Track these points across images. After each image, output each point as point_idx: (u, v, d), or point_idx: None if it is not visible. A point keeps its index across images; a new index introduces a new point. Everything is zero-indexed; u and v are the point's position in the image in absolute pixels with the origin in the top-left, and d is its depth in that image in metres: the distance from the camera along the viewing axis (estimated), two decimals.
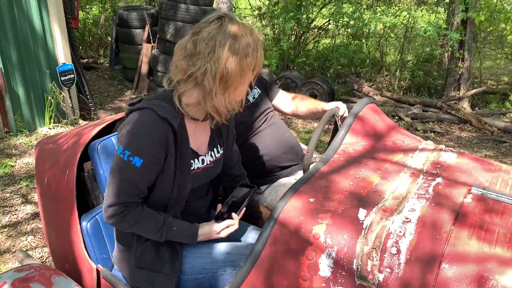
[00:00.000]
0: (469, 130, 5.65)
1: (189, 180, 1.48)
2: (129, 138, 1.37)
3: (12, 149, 4.38)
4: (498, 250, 1.14)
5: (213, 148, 1.61)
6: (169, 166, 1.42)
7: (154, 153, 1.38)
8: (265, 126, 2.18)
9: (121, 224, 1.43)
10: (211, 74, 1.34)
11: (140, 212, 1.43)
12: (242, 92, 1.44)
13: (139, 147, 1.36)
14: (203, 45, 1.33)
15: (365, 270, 1.16)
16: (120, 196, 1.39)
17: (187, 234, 1.49)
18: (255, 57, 1.38)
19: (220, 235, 1.50)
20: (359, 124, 1.74)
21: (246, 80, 1.42)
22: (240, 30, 1.36)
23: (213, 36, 1.33)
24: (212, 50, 1.33)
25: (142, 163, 1.36)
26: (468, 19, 6.26)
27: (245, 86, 1.44)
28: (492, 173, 1.53)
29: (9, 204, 3.46)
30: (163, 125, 1.38)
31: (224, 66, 1.33)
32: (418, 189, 1.39)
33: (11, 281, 1.43)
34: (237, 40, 1.34)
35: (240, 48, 1.34)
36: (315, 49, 8.83)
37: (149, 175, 1.41)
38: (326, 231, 1.24)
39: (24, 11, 4.61)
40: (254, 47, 1.38)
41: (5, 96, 4.52)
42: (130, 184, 1.38)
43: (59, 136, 2.03)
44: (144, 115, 1.38)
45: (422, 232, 1.20)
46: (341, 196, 1.36)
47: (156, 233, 1.45)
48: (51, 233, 1.90)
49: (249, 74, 1.41)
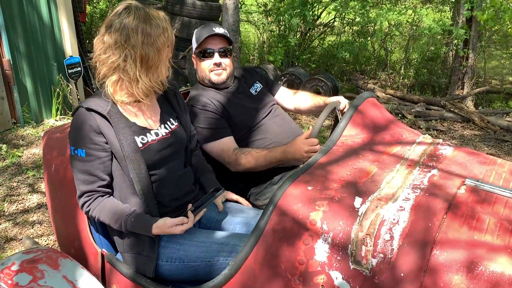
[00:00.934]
0: (472, 128, 5.67)
1: (139, 156, 1.58)
2: (70, 136, 1.59)
3: (19, 140, 4.45)
4: (487, 238, 1.18)
5: (166, 121, 1.74)
6: (115, 148, 1.57)
7: (92, 141, 1.55)
8: (269, 118, 2.24)
9: (91, 213, 1.59)
10: (132, 59, 1.50)
11: (102, 202, 1.58)
12: (165, 69, 1.62)
13: (78, 140, 1.56)
14: (118, 35, 1.49)
15: (359, 255, 1.21)
16: (81, 186, 1.58)
17: (143, 226, 1.56)
18: (166, 35, 1.55)
19: (172, 229, 1.54)
20: (359, 117, 1.79)
21: (165, 57, 1.59)
22: (148, 14, 1.52)
23: (125, 25, 1.49)
24: (127, 37, 1.48)
25: (85, 152, 1.55)
26: (473, 18, 6.26)
27: (166, 62, 1.61)
28: (486, 166, 1.57)
29: (16, 193, 3.53)
30: (92, 116, 1.55)
31: (142, 49, 1.49)
32: (414, 180, 1.44)
33: (19, 262, 1.49)
34: (147, 23, 1.50)
35: (152, 30, 1.50)
36: (320, 46, 8.85)
37: (98, 161, 1.56)
38: (322, 218, 1.28)
39: (33, 3, 4.67)
40: (164, 27, 1.54)
41: (13, 87, 4.60)
42: (84, 174, 1.56)
43: (66, 126, 2.09)
44: (76, 114, 1.58)
45: (415, 220, 1.24)
46: (338, 185, 1.40)
47: (116, 222, 1.56)
48: (57, 219, 1.96)
49: (165, 50, 1.57)
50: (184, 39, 6.91)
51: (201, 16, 7.07)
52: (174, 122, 1.77)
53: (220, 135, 2.08)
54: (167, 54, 1.59)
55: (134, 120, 1.64)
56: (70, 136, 1.59)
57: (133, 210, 1.58)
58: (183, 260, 1.60)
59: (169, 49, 1.60)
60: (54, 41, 4.99)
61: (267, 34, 8.35)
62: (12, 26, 4.48)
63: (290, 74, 6.52)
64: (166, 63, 1.61)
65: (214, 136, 2.07)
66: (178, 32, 7.03)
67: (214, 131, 2.08)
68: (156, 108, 1.75)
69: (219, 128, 2.09)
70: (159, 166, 1.66)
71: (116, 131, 1.56)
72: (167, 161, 1.69)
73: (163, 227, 1.54)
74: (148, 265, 1.59)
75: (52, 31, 4.95)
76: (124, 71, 1.52)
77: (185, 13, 7.03)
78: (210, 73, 2.15)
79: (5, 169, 3.89)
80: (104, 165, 1.58)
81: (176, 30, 7.09)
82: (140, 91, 1.57)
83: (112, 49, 1.50)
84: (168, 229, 1.53)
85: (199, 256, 1.58)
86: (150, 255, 1.60)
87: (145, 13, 1.52)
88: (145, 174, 1.60)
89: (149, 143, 1.63)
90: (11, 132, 4.59)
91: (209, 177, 1.91)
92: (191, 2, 6.96)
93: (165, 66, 1.61)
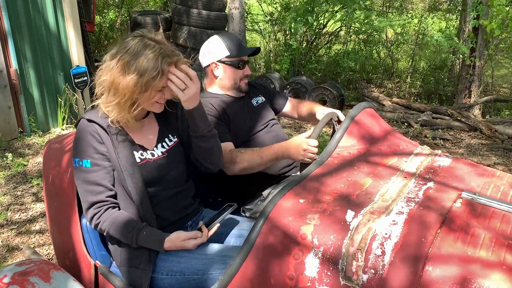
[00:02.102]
0: (479, 137, 5.60)
1: (136, 170, 1.58)
2: (73, 148, 1.59)
3: (25, 149, 4.49)
4: (482, 253, 1.15)
5: (164, 139, 1.73)
6: (113, 160, 1.57)
7: (96, 151, 1.56)
8: (264, 132, 2.27)
9: (101, 226, 1.56)
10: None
11: (113, 214, 1.56)
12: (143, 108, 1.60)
13: (82, 151, 1.56)
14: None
15: (350, 270, 1.19)
16: (88, 197, 1.55)
17: (154, 240, 1.55)
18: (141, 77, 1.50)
19: (184, 244, 1.53)
20: (356, 128, 1.77)
21: (145, 98, 1.55)
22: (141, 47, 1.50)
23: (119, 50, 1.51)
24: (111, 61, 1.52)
25: (90, 162, 1.55)
26: (480, 27, 6.22)
27: (147, 103, 1.58)
28: (484, 179, 1.54)
29: (20, 202, 3.55)
30: (93, 126, 1.57)
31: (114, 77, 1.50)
32: (408, 193, 1.41)
33: (11, 274, 1.49)
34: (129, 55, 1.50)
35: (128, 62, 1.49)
36: (326, 54, 8.85)
37: (104, 170, 1.56)
38: (313, 232, 1.26)
39: (40, 12, 4.73)
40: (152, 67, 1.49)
41: (20, 96, 4.64)
42: (91, 185, 1.54)
43: (66, 136, 2.10)
44: (79, 126, 1.60)
45: (408, 234, 1.21)
46: (331, 198, 1.38)
47: (127, 236, 1.54)
48: (54, 230, 1.96)
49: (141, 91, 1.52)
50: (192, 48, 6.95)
51: (208, 26, 7.12)
52: (172, 139, 1.76)
53: (220, 139, 2.07)
54: (149, 96, 1.55)
55: (132, 137, 1.64)
56: (73, 148, 1.59)
57: (144, 225, 1.57)
58: (184, 273, 1.58)
59: (151, 91, 1.54)
60: (61, 50, 5.04)
61: (273, 43, 8.37)
62: (20, 34, 4.53)
63: (296, 82, 6.52)
64: (148, 103, 1.58)
65: None
66: (185, 41, 7.08)
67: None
68: (154, 125, 1.74)
69: (220, 133, 2.09)
70: (157, 183, 1.66)
71: (114, 144, 1.57)
72: (165, 179, 1.68)
73: (176, 241, 1.53)
74: (144, 279, 1.57)
75: (59, 40, 5.00)
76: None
77: (192, 23, 7.08)
78: (241, 82, 2.23)
79: (10, 178, 3.92)
80: (110, 174, 1.58)
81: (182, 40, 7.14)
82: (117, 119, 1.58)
83: (103, 69, 1.54)
84: (180, 242, 1.53)
85: (201, 269, 1.56)
86: (146, 269, 1.58)
87: (139, 46, 1.50)
88: (143, 187, 1.59)
89: (147, 160, 1.63)
90: (17, 141, 4.63)
91: None
92: (197, 12, 7.01)
93: (147, 105, 1.58)
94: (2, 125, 4.53)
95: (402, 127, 5.90)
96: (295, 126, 5.91)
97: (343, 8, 7.27)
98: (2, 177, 3.90)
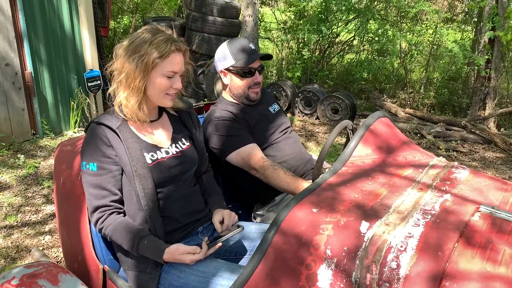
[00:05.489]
0: (494, 150, 5.52)
1: (147, 171, 1.57)
2: (82, 151, 1.59)
3: (37, 151, 4.52)
4: (502, 270, 1.11)
5: (178, 141, 1.73)
6: (124, 162, 1.57)
7: (103, 154, 1.56)
8: (282, 138, 2.28)
9: (104, 231, 1.56)
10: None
11: (116, 220, 1.56)
12: (157, 94, 1.62)
13: (89, 154, 1.56)
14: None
15: (364, 283, 1.15)
16: (93, 201, 1.55)
17: (155, 250, 1.53)
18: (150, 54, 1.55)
19: (182, 257, 1.50)
20: (371, 137, 1.74)
21: (153, 80, 1.59)
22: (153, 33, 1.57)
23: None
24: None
25: (96, 166, 1.55)
26: (496, 38, 6.15)
27: (156, 86, 1.60)
28: (503, 193, 1.49)
29: (30, 203, 3.56)
30: (102, 129, 1.57)
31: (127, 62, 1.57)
32: (425, 205, 1.37)
33: (19, 277, 1.48)
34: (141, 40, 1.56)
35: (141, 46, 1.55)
36: (339, 63, 8.82)
37: (110, 174, 1.56)
38: (326, 242, 1.23)
39: (56, 15, 4.77)
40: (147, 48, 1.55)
41: (34, 99, 4.68)
42: (96, 189, 1.55)
43: (77, 139, 2.09)
44: (88, 130, 1.61)
45: (424, 248, 1.18)
46: (345, 208, 1.35)
47: (129, 243, 1.53)
48: (63, 232, 1.95)
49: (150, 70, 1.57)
50: (204, 54, 6.97)
51: (221, 33, 7.14)
52: (186, 142, 1.77)
53: (247, 141, 2.08)
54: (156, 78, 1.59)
55: (144, 138, 1.65)
56: (82, 152, 1.59)
57: (147, 233, 1.55)
58: None
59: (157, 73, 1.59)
60: (75, 53, 5.08)
61: (286, 51, 8.37)
62: (35, 37, 4.58)
63: (308, 91, 6.49)
64: (157, 94, 1.62)
65: (241, 142, 2.07)
66: (198, 47, 7.11)
67: (239, 138, 2.08)
68: (168, 127, 1.75)
69: (245, 136, 2.10)
70: (168, 183, 1.65)
71: (125, 146, 1.57)
72: (176, 179, 1.68)
73: (175, 253, 1.51)
74: (150, 283, 1.57)
75: (74, 43, 5.04)
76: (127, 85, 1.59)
77: (206, 30, 7.11)
78: (249, 91, 2.19)
79: (22, 179, 3.94)
80: (116, 179, 1.58)
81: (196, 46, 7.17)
82: (129, 112, 1.61)
83: (115, 57, 1.60)
84: (178, 255, 1.50)
85: (197, 286, 1.54)
86: (153, 273, 1.57)
87: (151, 32, 1.57)
88: (152, 190, 1.58)
89: (159, 160, 1.63)
90: (30, 143, 4.66)
91: (216, 198, 1.88)
92: (211, 19, 7.04)
93: (157, 90, 1.61)
94: (15, 127, 4.57)
95: (415, 138, 5.83)
96: (306, 134, 5.87)
97: (357, 17, 7.25)
98: (14, 179, 3.92)
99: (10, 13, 4.25)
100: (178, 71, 1.60)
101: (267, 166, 1.97)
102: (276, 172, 1.94)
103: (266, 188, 2.05)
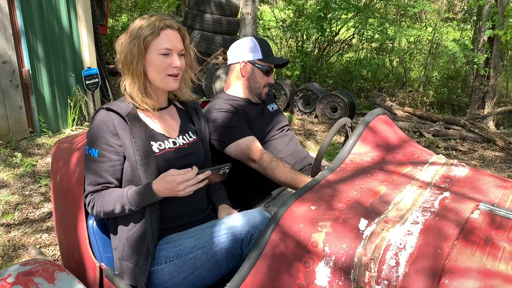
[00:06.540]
0: (493, 149, 5.51)
1: (152, 160, 1.56)
2: (88, 136, 1.60)
3: (34, 149, 4.50)
4: (502, 267, 1.10)
5: (185, 133, 1.73)
6: (129, 150, 1.55)
7: (106, 142, 1.56)
8: (279, 136, 2.30)
9: (96, 209, 1.57)
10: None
11: (102, 193, 1.57)
12: (159, 78, 1.62)
13: (93, 140, 1.57)
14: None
15: (362, 281, 1.14)
16: (88, 187, 1.58)
17: (144, 189, 1.50)
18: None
19: (173, 178, 1.46)
20: (370, 134, 1.72)
21: (152, 63, 1.59)
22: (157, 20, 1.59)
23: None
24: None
25: (98, 152, 1.55)
26: (495, 37, 6.14)
27: (156, 71, 1.60)
28: (503, 190, 1.48)
29: (28, 201, 3.54)
30: (110, 116, 1.57)
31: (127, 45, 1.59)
32: (424, 202, 1.36)
33: (15, 274, 1.47)
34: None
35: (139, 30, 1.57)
36: (338, 62, 8.81)
37: (109, 163, 1.56)
38: (325, 240, 1.22)
39: (54, 12, 4.76)
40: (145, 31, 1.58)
41: (31, 97, 4.66)
42: (93, 175, 1.56)
43: (75, 136, 2.08)
44: (97, 115, 1.60)
45: (423, 245, 1.17)
46: (343, 205, 1.34)
47: (119, 205, 1.52)
48: (60, 230, 1.94)
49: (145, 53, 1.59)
50: (202, 52, 6.95)
51: (220, 31, 7.13)
52: (192, 136, 1.77)
53: (245, 133, 2.09)
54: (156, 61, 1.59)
55: (153, 126, 1.65)
56: (87, 135, 1.61)
57: (130, 186, 1.56)
58: (180, 255, 1.55)
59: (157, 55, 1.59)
60: (73, 51, 5.07)
61: (285, 50, 8.35)
62: (33, 34, 4.56)
63: (307, 89, 6.48)
64: (159, 75, 1.61)
65: (240, 134, 2.07)
66: (196, 46, 7.08)
67: (238, 129, 2.09)
68: (176, 118, 1.76)
69: (245, 128, 2.12)
70: None
71: (132, 133, 1.56)
72: None
73: (164, 178, 1.48)
74: (140, 277, 1.56)
75: (72, 41, 5.02)
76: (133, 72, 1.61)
77: (204, 27, 7.09)
78: (263, 89, 2.27)
79: (19, 178, 3.92)
80: (114, 168, 1.58)
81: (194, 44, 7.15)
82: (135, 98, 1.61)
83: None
84: (169, 177, 1.47)
85: (195, 245, 1.53)
86: (143, 267, 1.56)
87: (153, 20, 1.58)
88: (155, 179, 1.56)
89: (166, 150, 1.62)
90: (27, 141, 4.64)
91: (221, 194, 1.87)
92: (209, 17, 7.02)
93: (158, 76, 1.61)
94: (13, 125, 4.55)
95: (414, 137, 5.82)
96: (305, 133, 5.86)
97: (356, 15, 7.24)
98: (11, 177, 3.90)
99: (8, 10, 4.22)
100: (172, 47, 1.58)
101: (266, 158, 1.97)
102: (275, 164, 1.94)
103: (262, 182, 2.05)
